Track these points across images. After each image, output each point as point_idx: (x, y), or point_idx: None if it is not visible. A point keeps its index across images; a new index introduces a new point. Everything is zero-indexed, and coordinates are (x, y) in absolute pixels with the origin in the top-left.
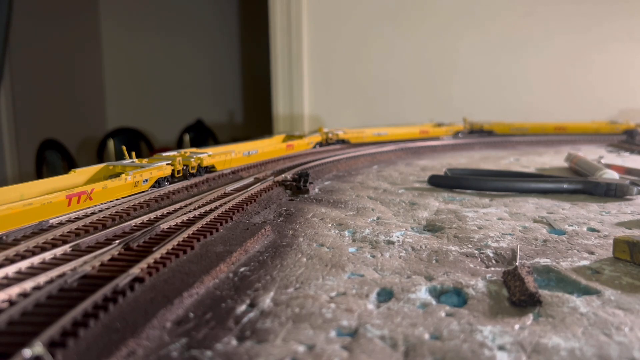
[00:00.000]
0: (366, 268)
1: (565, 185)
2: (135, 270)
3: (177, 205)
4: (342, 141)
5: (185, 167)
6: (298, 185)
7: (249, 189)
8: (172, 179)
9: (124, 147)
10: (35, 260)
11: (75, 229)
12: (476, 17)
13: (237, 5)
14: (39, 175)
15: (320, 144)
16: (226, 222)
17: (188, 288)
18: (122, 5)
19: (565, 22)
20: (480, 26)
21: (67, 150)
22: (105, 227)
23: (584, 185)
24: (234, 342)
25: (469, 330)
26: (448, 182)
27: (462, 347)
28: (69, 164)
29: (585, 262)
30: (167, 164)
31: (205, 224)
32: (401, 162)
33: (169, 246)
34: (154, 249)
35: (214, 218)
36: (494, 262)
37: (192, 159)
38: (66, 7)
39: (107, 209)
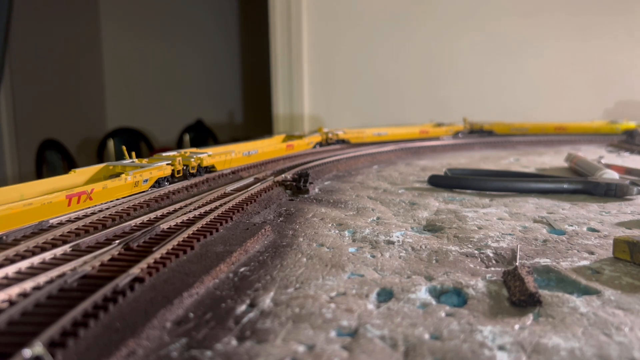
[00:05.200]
0: (366, 268)
1: (565, 185)
2: (135, 270)
3: (177, 205)
4: (342, 141)
5: (185, 167)
6: (298, 185)
7: (249, 189)
8: (172, 179)
9: (124, 147)
10: (35, 260)
11: (75, 229)
12: (476, 17)
13: (237, 5)
14: (39, 175)
15: (320, 144)
16: (226, 222)
17: (188, 288)
18: (122, 5)
19: (565, 22)
20: (480, 26)
21: (67, 150)
22: (105, 227)
23: (584, 185)
24: (234, 342)
25: (469, 330)
26: (448, 182)
27: (462, 347)
28: (69, 164)
29: (585, 262)
30: (167, 164)
31: (205, 224)
32: (401, 162)
33: (169, 246)
34: (154, 249)
35: (214, 218)
36: (494, 262)
37: (192, 159)
38: (66, 7)
39: (107, 209)
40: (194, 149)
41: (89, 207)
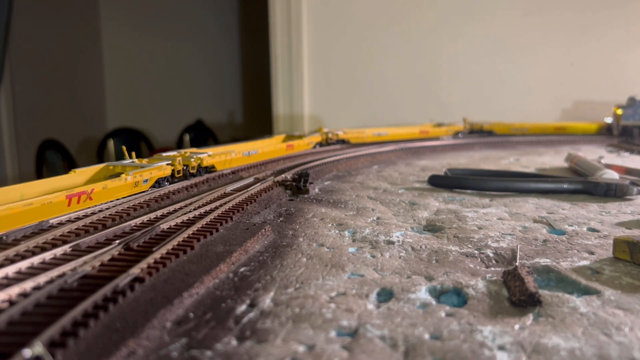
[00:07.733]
0: (366, 268)
1: (565, 185)
2: (135, 270)
3: (177, 205)
4: (342, 141)
5: (185, 167)
6: (298, 185)
7: (249, 189)
8: (172, 179)
9: (124, 147)
10: (35, 260)
11: (75, 229)
12: (476, 17)
13: (237, 5)
14: (39, 175)
15: (320, 144)
16: (226, 222)
17: (188, 288)
18: (122, 5)
19: (565, 22)
20: (480, 26)
21: (67, 150)
22: (105, 227)
23: (584, 185)
24: (234, 342)
25: (469, 330)
26: (448, 182)
27: (462, 347)
28: (69, 164)
29: (585, 262)
30: (167, 164)
31: (205, 224)
32: (401, 162)
33: (169, 246)
34: (154, 249)
35: (214, 218)
36: (494, 262)
37: (192, 159)
38: (66, 7)
39: (107, 209)
40: (194, 149)
41: (89, 207)
